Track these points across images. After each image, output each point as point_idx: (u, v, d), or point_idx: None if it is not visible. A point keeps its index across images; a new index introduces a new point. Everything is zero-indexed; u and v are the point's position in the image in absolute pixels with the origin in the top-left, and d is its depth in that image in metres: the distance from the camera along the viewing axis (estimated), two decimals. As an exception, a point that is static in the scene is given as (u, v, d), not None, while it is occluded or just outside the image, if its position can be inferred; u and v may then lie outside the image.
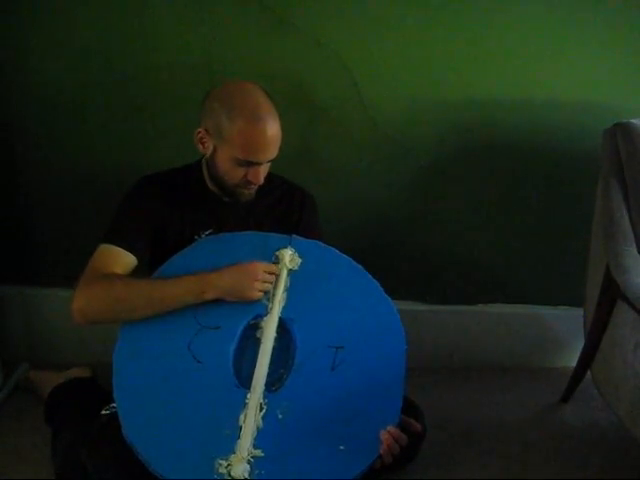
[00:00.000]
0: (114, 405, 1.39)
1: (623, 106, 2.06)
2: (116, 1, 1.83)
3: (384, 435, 1.33)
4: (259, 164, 1.50)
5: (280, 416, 1.35)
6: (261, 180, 1.53)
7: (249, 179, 1.52)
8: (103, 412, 1.50)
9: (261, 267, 1.47)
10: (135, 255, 1.51)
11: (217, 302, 1.46)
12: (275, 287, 1.50)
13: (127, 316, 1.43)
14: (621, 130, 1.86)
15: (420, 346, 1.62)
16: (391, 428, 1.34)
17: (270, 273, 1.49)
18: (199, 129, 1.53)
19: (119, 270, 1.48)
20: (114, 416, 1.37)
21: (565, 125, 2.09)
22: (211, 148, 1.53)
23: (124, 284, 1.44)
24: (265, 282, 1.47)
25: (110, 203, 1.66)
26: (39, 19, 1.83)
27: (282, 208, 1.72)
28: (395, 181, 2.11)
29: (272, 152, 1.50)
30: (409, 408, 1.49)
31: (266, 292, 1.48)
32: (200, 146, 1.55)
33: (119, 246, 1.50)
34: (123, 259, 1.50)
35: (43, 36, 1.85)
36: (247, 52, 1.91)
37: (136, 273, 1.55)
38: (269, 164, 1.56)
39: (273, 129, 1.47)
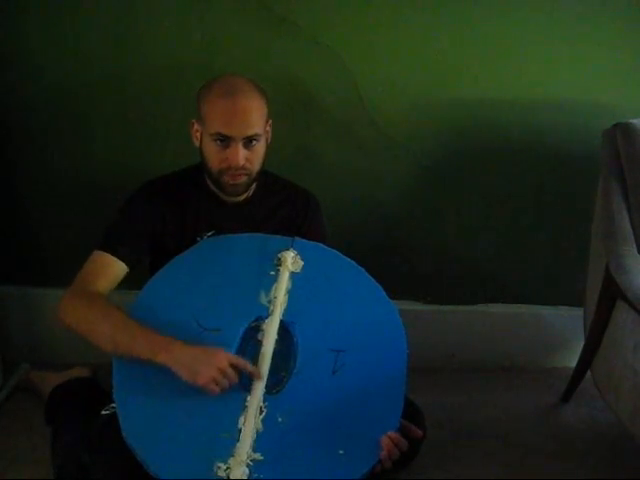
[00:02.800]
0: (114, 405, 1.39)
1: (623, 106, 2.06)
2: (116, 2, 1.83)
3: (384, 440, 1.32)
4: (233, 140, 1.50)
5: (280, 419, 1.34)
6: (239, 162, 1.51)
7: (229, 163, 1.51)
8: (103, 412, 1.50)
9: (227, 359, 1.34)
10: (126, 263, 1.54)
11: (218, 304, 1.46)
12: (277, 290, 1.49)
13: (93, 343, 1.42)
14: (621, 130, 1.86)
15: (420, 346, 1.62)
16: (391, 433, 1.33)
17: (236, 367, 1.35)
18: (192, 120, 1.58)
19: (107, 279, 1.52)
20: (114, 416, 1.37)
21: (565, 125, 2.10)
22: (200, 137, 1.56)
23: (98, 314, 1.43)
24: (225, 377, 1.33)
25: (110, 203, 1.66)
26: (39, 20, 1.83)
27: (285, 210, 1.72)
28: (395, 181, 2.11)
29: (245, 127, 1.50)
30: (409, 408, 1.49)
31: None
32: (194, 139, 1.59)
33: (111, 254, 1.53)
34: (112, 267, 1.53)
35: (43, 38, 1.85)
36: (247, 52, 1.91)
37: (139, 274, 1.57)
38: (254, 151, 1.54)
39: (245, 103, 1.49)
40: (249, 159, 1.53)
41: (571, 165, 2.13)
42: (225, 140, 1.50)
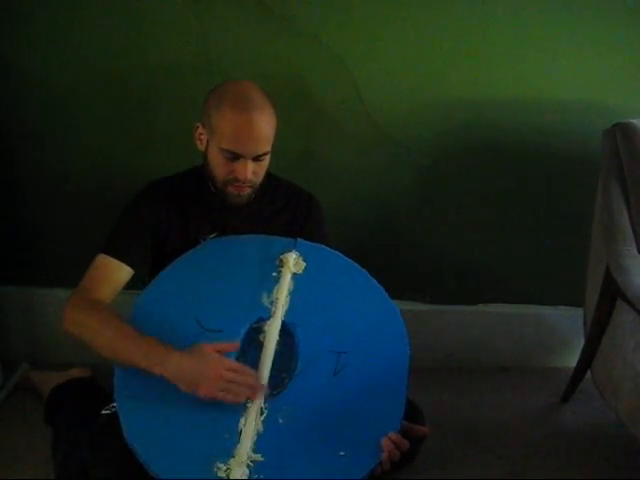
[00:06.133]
0: (114, 405, 1.39)
1: (623, 106, 2.06)
2: (114, 1, 1.83)
3: (385, 442, 1.31)
4: (244, 158, 1.49)
5: (281, 421, 1.34)
6: (247, 177, 1.51)
7: (235, 175, 1.51)
8: (103, 412, 1.50)
9: (224, 365, 1.31)
10: (130, 266, 1.53)
11: (220, 305, 1.46)
12: (279, 291, 1.49)
13: (96, 351, 1.41)
14: (621, 130, 1.86)
15: (420, 346, 1.62)
16: (392, 435, 1.32)
17: (235, 371, 1.33)
18: (197, 123, 1.56)
19: (111, 285, 1.51)
20: (114, 416, 1.37)
21: (565, 125, 2.10)
22: (205, 142, 1.55)
23: (100, 322, 1.41)
24: (230, 382, 1.31)
25: (111, 203, 1.67)
26: (38, 19, 1.82)
27: (288, 212, 1.71)
28: (395, 181, 2.11)
29: (258, 146, 1.49)
30: (409, 408, 1.49)
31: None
32: (198, 142, 1.57)
33: (115, 257, 1.52)
34: (117, 272, 1.52)
35: (42, 38, 1.84)
36: (247, 52, 1.90)
37: (140, 274, 1.57)
38: (261, 164, 1.54)
39: (260, 122, 1.47)
40: (256, 172, 1.53)
41: (571, 165, 2.13)
42: (235, 155, 1.49)
